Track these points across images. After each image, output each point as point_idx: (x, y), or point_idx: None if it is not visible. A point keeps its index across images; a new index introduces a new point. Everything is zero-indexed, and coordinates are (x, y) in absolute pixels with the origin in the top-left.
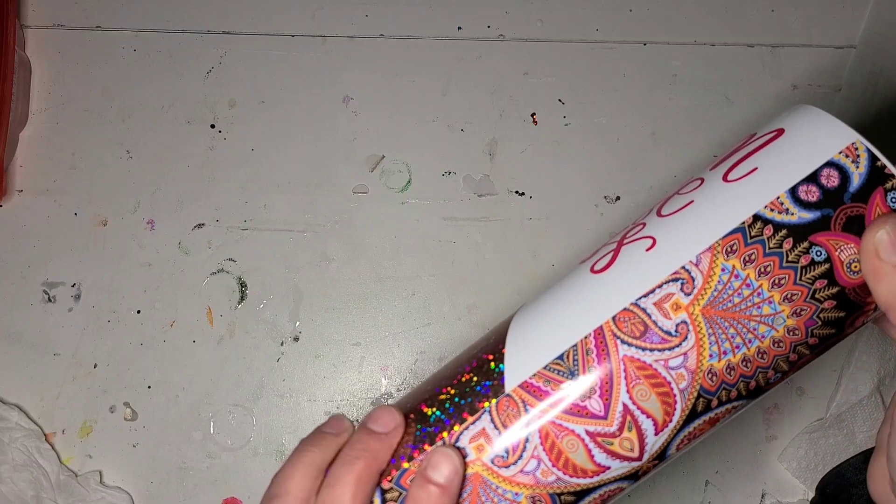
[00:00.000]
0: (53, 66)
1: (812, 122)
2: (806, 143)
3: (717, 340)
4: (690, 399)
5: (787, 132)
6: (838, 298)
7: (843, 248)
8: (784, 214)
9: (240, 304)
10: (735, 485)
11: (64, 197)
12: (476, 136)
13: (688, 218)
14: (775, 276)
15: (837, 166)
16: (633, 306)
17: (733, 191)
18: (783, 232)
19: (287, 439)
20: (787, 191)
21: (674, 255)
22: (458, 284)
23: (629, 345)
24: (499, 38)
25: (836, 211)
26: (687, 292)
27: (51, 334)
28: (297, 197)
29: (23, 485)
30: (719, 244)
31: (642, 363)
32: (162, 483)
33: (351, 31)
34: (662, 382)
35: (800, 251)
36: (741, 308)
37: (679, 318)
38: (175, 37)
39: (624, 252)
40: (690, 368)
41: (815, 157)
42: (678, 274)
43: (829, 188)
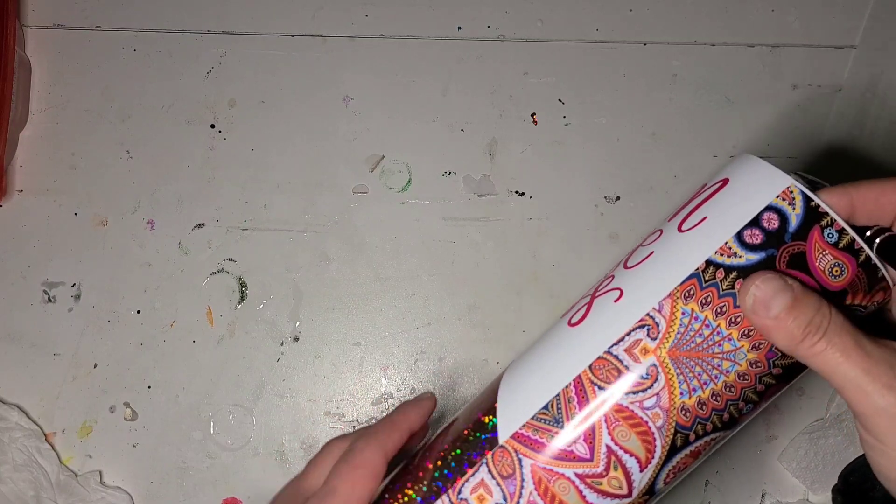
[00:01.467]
0: (53, 66)
1: (752, 170)
2: (747, 190)
3: (685, 379)
4: (668, 435)
5: (731, 181)
6: None
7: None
8: (733, 258)
9: (240, 304)
10: (735, 485)
11: (64, 197)
12: (476, 136)
13: (649, 268)
14: (731, 315)
15: (776, 210)
16: (606, 354)
17: (687, 240)
18: (734, 274)
19: (287, 439)
20: (734, 236)
21: (639, 303)
22: (458, 284)
23: (605, 389)
24: (499, 38)
25: (779, 250)
26: (653, 337)
27: (51, 334)
28: (297, 197)
29: (23, 485)
30: (678, 290)
31: (620, 406)
32: (162, 483)
33: (351, 31)
34: (640, 422)
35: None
36: (704, 347)
37: (648, 362)
38: (175, 37)
39: (595, 304)
40: (664, 407)
41: (756, 203)
42: (644, 321)
43: (771, 230)
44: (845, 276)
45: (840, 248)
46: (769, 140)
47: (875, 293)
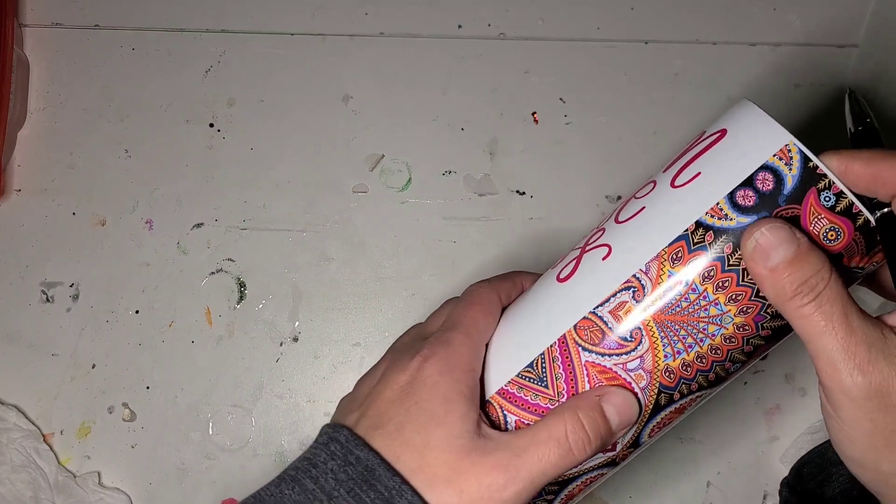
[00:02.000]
0: (52, 65)
1: (750, 123)
2: (743, 146)
3: (669, 343)
4: (652, 395)
5: (728, 133)
6: None
7: None
8: (724, 220)
9: (239, 304)
10: (737, 486)
11: (62, 196)
12: (476, 136)
13: (639, 225)
14: (719, 280)
15: (771, 169)
16: (591, 315)
17: (678, 197)
18: (723, 237)
19: (286, 440)
20: (726, 196)
21: (626, 264)
22: (459, 284)
23: (589, 351)
24: (499, 37)
25: (772, 214)
26: (638, 300)
27: (49, 334)
28: (296, 196)
29: (21, 485)
30: (666, 252)
31: (603, 367)
32: (160, 484)
33: (350, 30)
34: (623, 383)
35: (740, 255)
36: (689, 311)
37: (633, 325)
38: (174, 36)
39: (584, 260)
40: (648, 369)
41: (751, 161)
42: (629, 282)
43: (765, 192)
44: (841, 240)
45: (837, 212)
46: None
47: (874, 254)
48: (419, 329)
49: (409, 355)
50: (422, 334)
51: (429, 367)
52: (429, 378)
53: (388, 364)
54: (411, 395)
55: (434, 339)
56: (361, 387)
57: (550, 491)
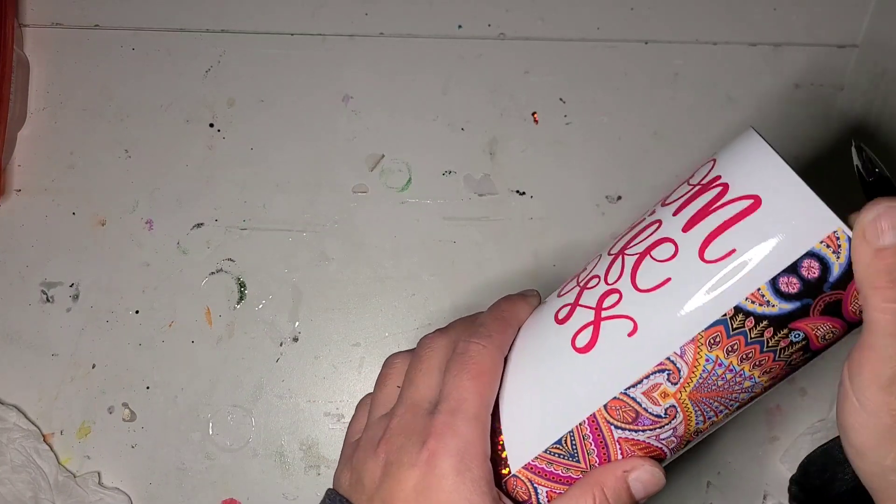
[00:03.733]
0: (52, 65)
1: (792, 199)
2: (786, 226)
3: (703, 413)
4: (681, 449)
5: (764, 205)
6: (811, 354)
7: (819, 327)
8: (765, 307)
9: (239, 304)
10: (737, 486)
11: (62, 196)
12: (476, 136)
13: (667, 302)
14: (756, 360)
15: (818, 257)
16: (622, 395)
17: (712, 276)
18: (764, 323)
19: (286, 440)
20: (768, 282)
21: (658, 345)
22: (459, 284)
23: (622, 429)
24: (499, 37)
25: (814, 300)
26: (674, 382)
27: (49, 334)
28: (296, 196)
29: (21, 486)
30: (702, 336)
31: (636, 441)
32: (161, 484)
33: (350, 30)
34: (655, 449)
35: (780, 337)
36: (725, 388)
37: (667, 404)
38: (174, 35)
39: (605, 331)
40: (679, 435)
41: (796, 247)
42: (664, 365)
43: (810, 279)
44: None
45: None
46: (771, 139)
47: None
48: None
49: (416, 445)
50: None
51: (442, 464)
52: (445, 479)
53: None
54: (428, 497)
55: (441, 426)
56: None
57: None
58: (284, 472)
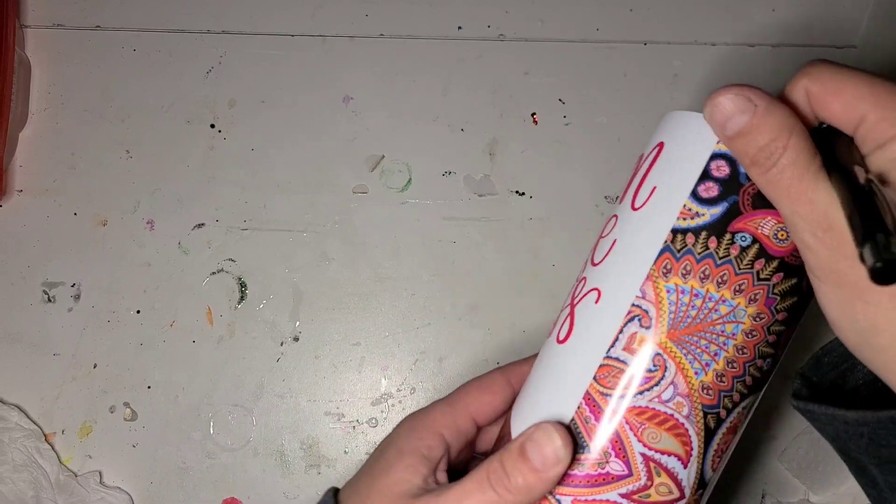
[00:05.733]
0: (53, 66)
1: (684, 126)
2: (686, 146)
3: (695, 357)
4: (699, 421)
5: (667, 143)
6: (782, 269)
7: (762, 224)
8: (696, 218)
9: (239, 304)
10: (735, 485)
11: (63, 197)
12: (476, 136)
13: (617, 258)
14: (716, 276)
15: (722, 156)
16: (606, 360)
17: (645, 216)
18: (703, 233)
19: (287, 440)
20: (690, 196)
21: (620, 297)
22: (459, 284)
23: (620, 398)
24: (499, 38)
25: (739, 194)
26: (646, 325)
27: (50, 334)
28: (296, 197)
29: (22, 485)
30: (654, 269)
31: (639, 408)
32: (162, 483)
33: (351, 31)
34: (666, 418)
35: (726, 244)
36: (701, 318)
37: (651, 352)
38: (175, 36)
39: (578, 313)
40: (684, 393)
41: (700, 156)
42: (631, 312)
43: (724, 177)
44: None
45: None
46: None
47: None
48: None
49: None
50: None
51: (400, 427)
52: (396, 435)
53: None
54: (379, 449)
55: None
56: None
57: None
58: (285, 471)
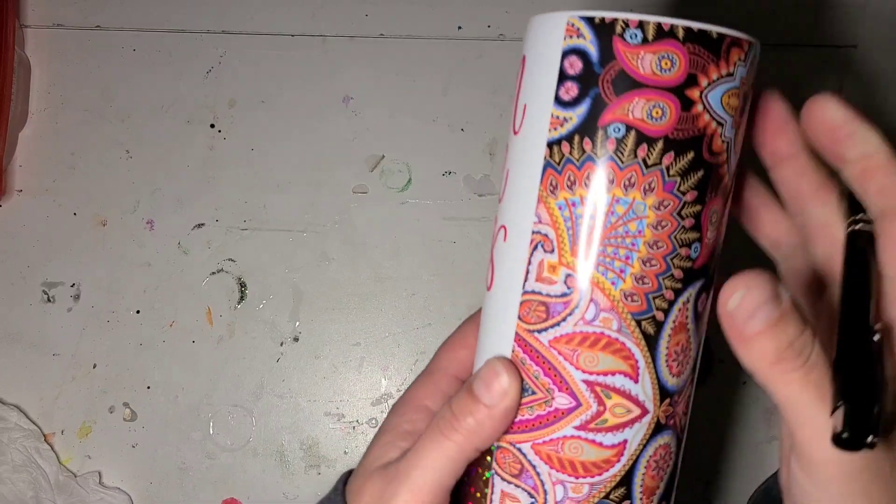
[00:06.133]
0: (53, 66)
1: (535, 31)
2: (539, 52)
3: (606, 267)
4: (634, 330)
5: (527, 55)
6: (670, 147)
7: (631, 109)
8: (566, 124)
9: (239, 304)
10: (736, 485)
11: (63, 197)
12: (476, 136)
13: (511, 188)
14: (601, 179)
15: (571, 51)
16: (524, 296)
17: (523, 138)
18: (576, 138)
19: (286, 440)
20: (554, 104)
21: (521, 228)
22: (459, 284)
23: (545, 329)
24: (499, 38)
25: (599, 86)
26: (549, 249)
27: (50, 334)
28: (296, 197)
29: (22, 485)
30: (542, 190)
31: (567, 335)
32: (161, 483)
33: (351, 31)
34: (597, 338)
35: (601, 140)
36: (602, 225)
37: (562, 275)
38: (175, 36)
39: (495, 255)
40: (607, 307)
41: (551, 59)
42: (533, 240)
43: (579, 73)
44: (678, 62)
45: (652, 40)
46: None
47: (729, 54)
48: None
49: None
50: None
51: (391, 409)
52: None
53: None
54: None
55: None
56: None
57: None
58: (285, 471)
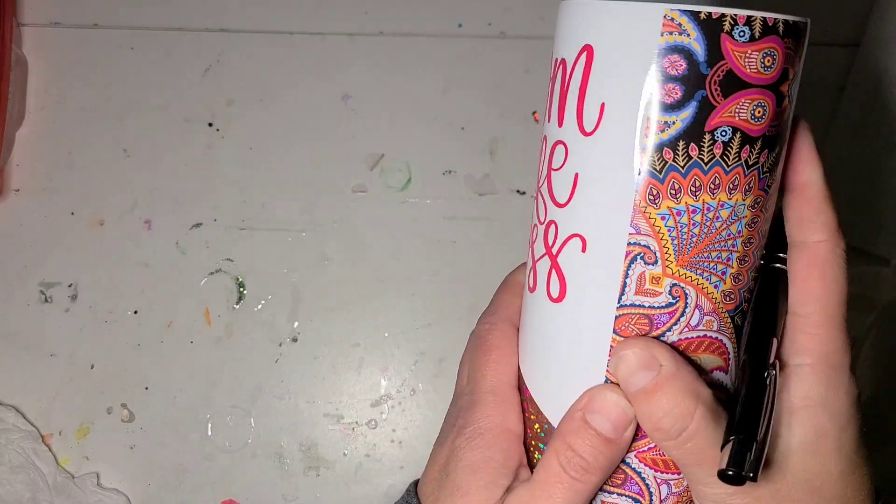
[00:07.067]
0: (50, 65)
1: (614, 21)
2: (623, 47)
3: (711, 272)
4: (728, 326)
5: (596, 46)
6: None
7: (738, 111)
8: (668, 129)
9: (238, 304)
10: None
11: (61, 196)
12: (477, 135)
13: (589, 194)
14: (708, 183)
15: (672, 49)
16: (620, 310)
17: (603, 140)
18: (681, 143)
19: (285, 441)
20: (654, 107)
21: (611, 240)
22: (459, 284)
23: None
24: (500, 36)
25: (706, 87)
26: (652, 262)
27: (47, 335)
28: (295, 196)
29: (19, 486)
30: (640, 199)
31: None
32: (159, 485)
33: (350, 29)
34: (700, 341)
35: (709, 146)
36: (706, 233)
37: (667, 286)
38: (172, 35)
39: (564, 265)
40: (710, 311)
41: (644, 56)
42: (630, 252)
43: (682, 74)
44: (778, 56)
45: (758, 38)
46: None
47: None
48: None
49: (449, 427)
50: (457, 393)
51: (461, 439)
52: (459, 450)
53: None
54: (446, 470)
55: (465, 405)
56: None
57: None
58: (283, 473)
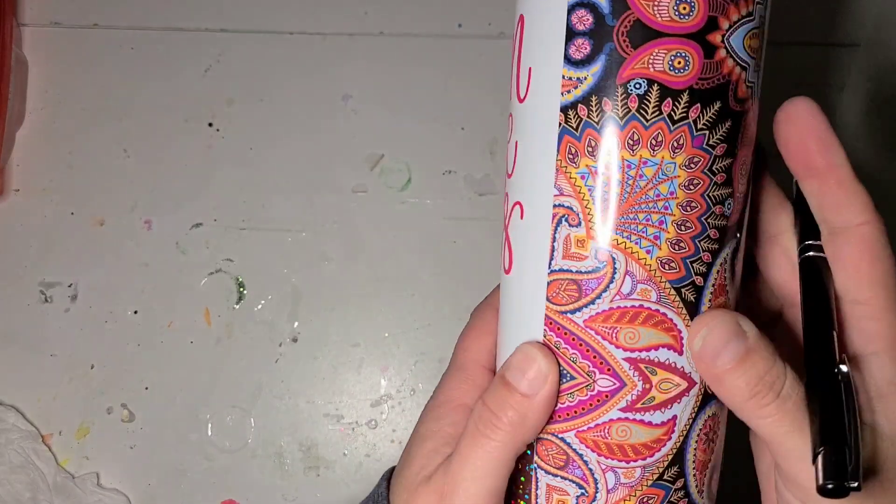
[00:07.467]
0: (50, 65)
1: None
2: (541, 9)
3: (640, 235)
4: (674, 299)
5: (525, 15)
6: (696, 99)
7: (652, 62)
8: (580, 85)
9: (238, 304)
10: (736, 486)
11: (60, 196)
12: (477, 135)
13: (523, 160)
14: (625, 140)
15: (578, 4)
16: (551, 276)
17: (531, 105)
18: (593, 99)
19: (285, 441)
20: (563, 64)
21: (539, 203)
22: (459, 285)
23: (578, 309)
24: (500, 36)
25: (614, 39)
26: (575, 223)
27: (47, 335)
28: (295, 196)
29: (19, 486)
30: (560, 159)
31: (603, 313)
32: (159, 485)
33: (350, 29)
34: (636, 311)
35: (621, 99)
36: (629, 193)
37: (593, 249)
38: (172, 35)
39: (511, 235)
40: (644, 278)
41: (556, 15)
42: (556, 214)
43: (591, 28)
44: (697, 5)
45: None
46: (772, 139)
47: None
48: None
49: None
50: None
51: (425, 411)
52: (419, 422)
53: None
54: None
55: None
56: None
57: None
58: (284, 473)
